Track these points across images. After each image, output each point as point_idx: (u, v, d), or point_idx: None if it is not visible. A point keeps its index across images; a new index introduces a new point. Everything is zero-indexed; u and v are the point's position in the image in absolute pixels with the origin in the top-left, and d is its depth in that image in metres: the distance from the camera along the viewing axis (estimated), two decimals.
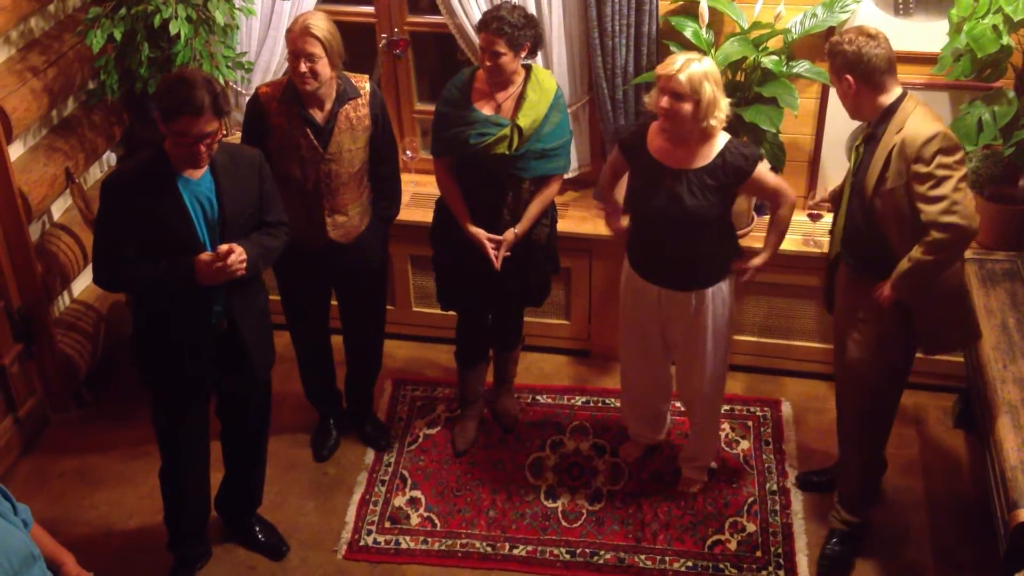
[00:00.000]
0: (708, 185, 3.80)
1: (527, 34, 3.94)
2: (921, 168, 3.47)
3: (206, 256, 3.43)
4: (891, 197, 3.57)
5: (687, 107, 3.68)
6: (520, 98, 4.07)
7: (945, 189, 3.45)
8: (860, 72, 3.57)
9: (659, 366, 4.34)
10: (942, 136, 3.48)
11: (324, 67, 3.89)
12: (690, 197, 3.80)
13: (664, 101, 3.71)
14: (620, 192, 4.19)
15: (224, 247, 3.44)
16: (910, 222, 3.56)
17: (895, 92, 3.60)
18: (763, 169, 3.88)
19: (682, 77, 3.64)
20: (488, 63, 3.97)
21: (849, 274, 3.89)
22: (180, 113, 3.27)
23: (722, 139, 3.84)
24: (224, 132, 3.46)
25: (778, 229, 4.01)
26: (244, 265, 3.47)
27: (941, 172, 3.45)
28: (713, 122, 3.73)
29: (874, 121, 3.66)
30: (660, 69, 3.73)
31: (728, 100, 3.77)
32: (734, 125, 4.38)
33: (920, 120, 3.53)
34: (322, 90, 3.96)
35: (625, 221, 4.18)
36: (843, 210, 3.84)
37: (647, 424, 4.58)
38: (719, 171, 3.80)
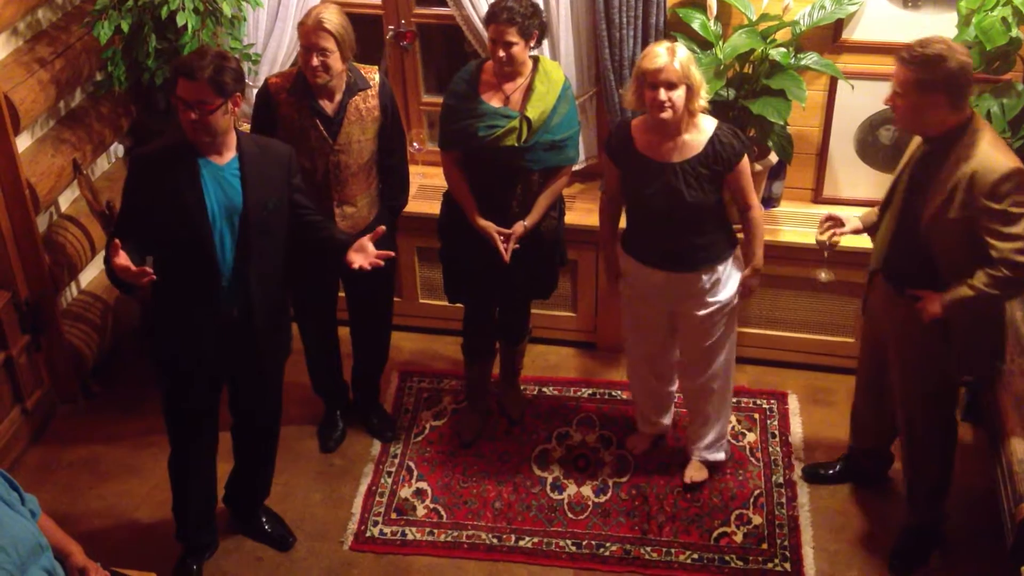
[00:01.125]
0: (703, 175, 3.80)
1: (535, 22, 3.95)
2: (993, 205, 3.34)
3: (122, 261, 3.32)
4: (952, 226, 3.44)
5: (681, 94, 3.69)
6: (528, 90, 4.06)
7: (1020, 227, 3.35)
8: (954, 91, 3.36)
9: (664, 346, 4.33)
10: (1017, 173, 3.34)
11: (336, 61, 3.90)
12: (688, 190, 3.80)
13: (660, 94, 3.69)
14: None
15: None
16: (967, 251, 3.45)
17: (966, 112, 3.45)
18: (745, 164, 3.87)
19: (676, 65, 3.65)
20: (501, 54, 3.96)
21: (889, 292, 3.77)
22: (177, 73, 3.37)
23: (709, 124, 3.84)
24: (236, 112, 3.47)
25: (756, 234, 3.99)
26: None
27: (1016, 210, 3.34)
28: (702, 102, 3.75)
29: (934, 139, 3.49)
30: (648, 63, 3.70)
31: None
32: (742, 117, 4.38)
33: (992, 151, 3.38)
34: (332, 82, 3.96)
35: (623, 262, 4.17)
36: (887, 225, 3.70)
37: (656, 407, 4.56)
38: (710, 159, 3.80)
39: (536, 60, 4.10)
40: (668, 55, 3.67)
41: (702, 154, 3.80)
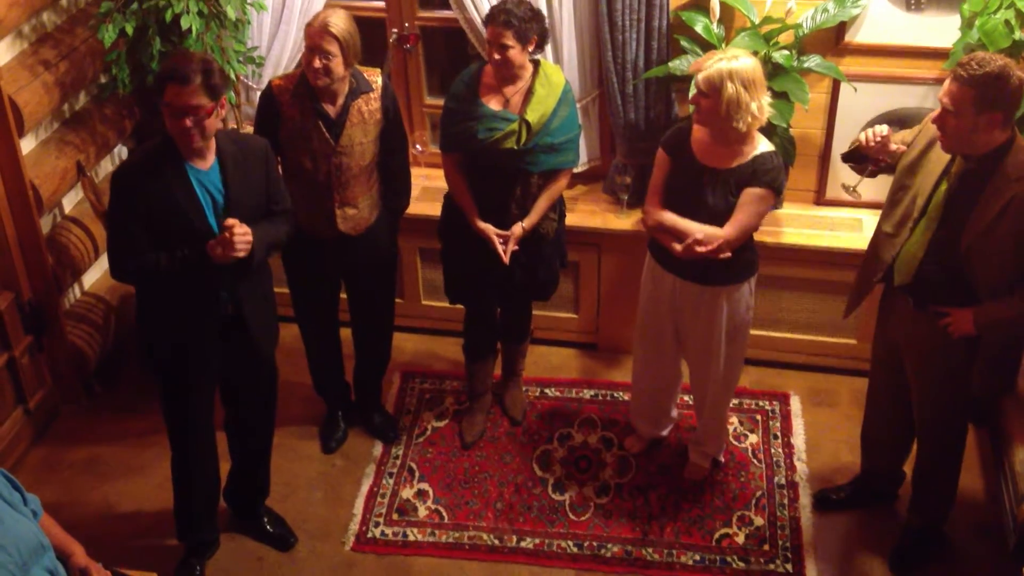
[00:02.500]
0: (730, 185, 3.79)
1: (534, 27, 3.95)
2: None
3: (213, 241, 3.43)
4: (1000, 243, 3.37)
5: (704, 103, 3.67)
6: (528, 93, 4.07)
7: None
8: (1011, 109, 3.28)
9: (669, 364, 4.35)
10: None
11: (338, 65, 3.90)
12: (712, 194, 3.79)
13: (692, 95, 3.73)
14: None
15: (229, 220, 3.43)
16: (1012, 270, 3.40)
17: (1012, 129, 3.37)
18: (763, 196, 3.79)
19: (700, 76, 3.64)
20: (496, 56, 3.97)
21: (909, 307, 3.69)
22: (167, 80, 3.31)
23: (762, 146, 3.80)
24: (222, 115, 3.46)
25: (701, 229, 3.80)
26: (248, 242, 3.46)
27: None
28: (739, 124, 3.67)
29: (976, 157, 3.39)
30: (692, 65, 3.74)
31: (768, 101, 3.70)
32: None
33: None
34: (334, 85, 3.97)
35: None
36: (918, 240, 3.59)
37: (650, 420, 4.59)
38: (743, 173, 3.77)
39: (537, 63, 4.11)
40: (708, 63, 3.64)
41: (737, 167, 3.78)
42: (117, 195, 3.51)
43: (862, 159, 3.73)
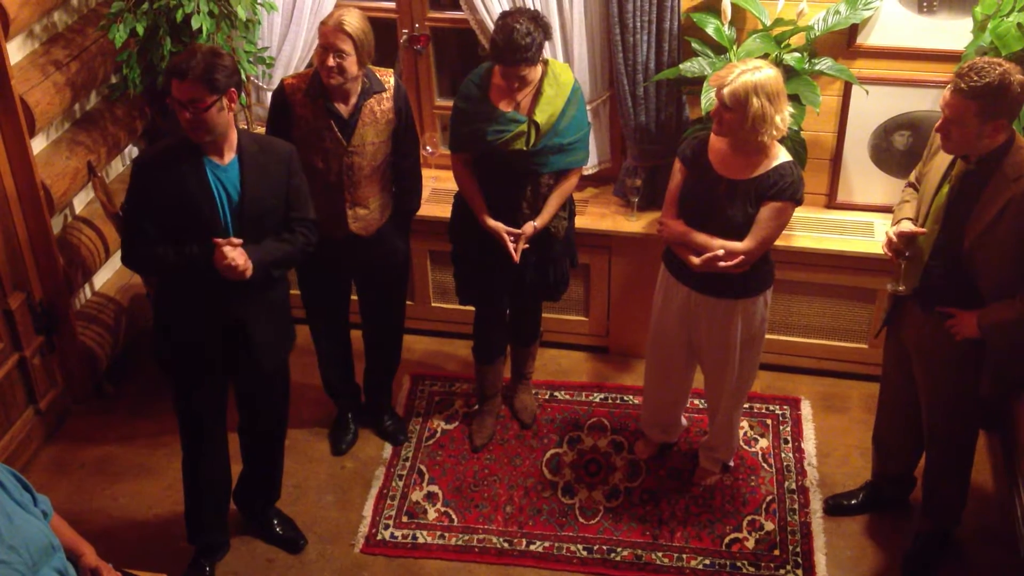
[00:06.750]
0: (749, 196, 3.77)
1: (540, 40, 3.91)
2: None
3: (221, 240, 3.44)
4: (1002, 242, 3.37)
5: (728, 117, 3.64)
6: (537, 93, 4.06)
7: None
8: (1015, 113, 3.28)
9: (681, 376, 4.34)
10: None
11: (352, 64, 3.91)
12: (730, 205, 3.78)
13: (713, 107, 3.70)
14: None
15: (217, 240, 3.46)
16: (1015, 268, 3.39)
17: (1012, 129, 3.38)
18: (783, 208, 3.78)
19: (726, 91, 3.59)
20: (516, 85, 3.97)
21: (915, 308, 3.70)
22: (169, 74, 3.37)
23: (782, 156, 3.78)
24: (233, 110, 3.46)
25: (723, 245, 3.80)
26: (234, 267, 3.46)
27: None
28: (764, 138, 3.65)
29: (976, 158, 3.41)
30: (713, 78, 3.70)
31: (789, 112, 3.68)
32: None
33: None
34: (347, 84, 3.97)
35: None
36: (922, 241, 3.58)
37: (660, 428, 4.58)
38: (763, 185, 3.75)
39: (546, 63, 4.09)
40: (731, 77, 3.60)
41: (757, 178, 3.76)
42: (134, 181, 3.57)
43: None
